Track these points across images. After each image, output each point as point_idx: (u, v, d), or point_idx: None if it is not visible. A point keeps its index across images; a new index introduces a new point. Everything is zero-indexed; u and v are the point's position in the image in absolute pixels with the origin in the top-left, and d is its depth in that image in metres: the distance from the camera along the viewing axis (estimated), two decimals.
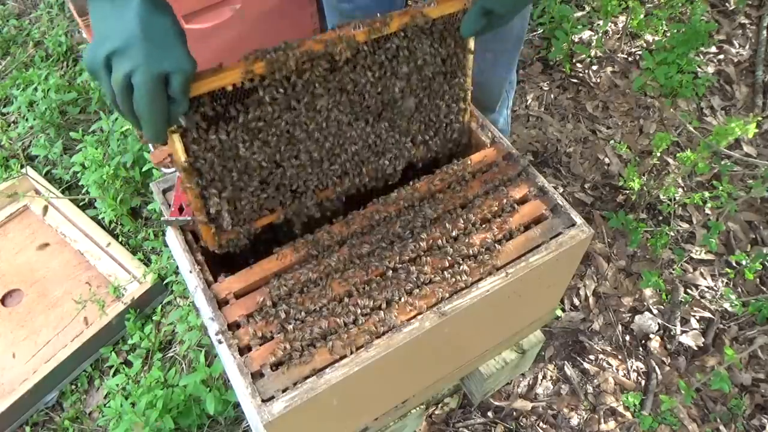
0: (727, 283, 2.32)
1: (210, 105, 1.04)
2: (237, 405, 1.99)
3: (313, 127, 1.18)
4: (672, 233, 2.38)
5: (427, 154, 1.40)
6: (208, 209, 1.15)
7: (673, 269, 2.34)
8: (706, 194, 2.26)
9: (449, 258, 1.23)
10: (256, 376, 1.08)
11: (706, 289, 2.31)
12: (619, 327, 2.23)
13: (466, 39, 1.26)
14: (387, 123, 1.29)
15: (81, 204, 2.56)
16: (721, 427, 2.01)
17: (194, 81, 0.96)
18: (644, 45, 3.06)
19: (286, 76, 1.09)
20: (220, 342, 1.12)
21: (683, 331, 2.20)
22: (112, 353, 2.16)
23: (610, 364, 2.16)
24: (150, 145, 1.41)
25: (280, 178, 1.21)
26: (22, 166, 2.65)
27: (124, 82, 0.83)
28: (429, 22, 1.18)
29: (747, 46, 3.05)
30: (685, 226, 2.45)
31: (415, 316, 1.15)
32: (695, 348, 2.18)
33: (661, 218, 2.46)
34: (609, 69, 2.99)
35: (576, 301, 2.29)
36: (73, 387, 2.20)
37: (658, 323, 2.22)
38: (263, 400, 1.04)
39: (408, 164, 1.40)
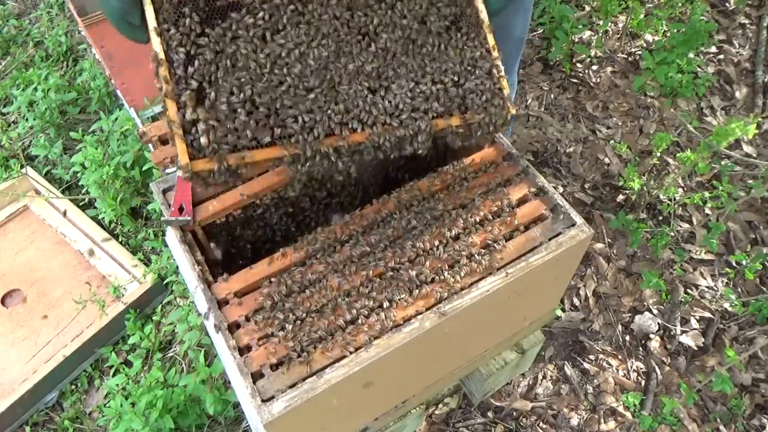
0: (727, 283, 2.32)
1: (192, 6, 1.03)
2: (237, 405, 1.99)
3: (306, 50, 1.11)
4: (672, 233, 2.38)
5: (468, 131, 1.27)
6: (184, 115, 1.02)
7: (673, 269, 2.34)
8: (706, 194, 2.26)
9: (449, 258, 1.23)
10: (256, 376, 1.08)
11: (706, 289, 2.31)
12: (619, 327, 2.23)
13: (474, 2, 1.24)
14: (401, 67, 1.20)
15: (81, 204, 2.56)
16: (721, 427, 2.01)
17: None
18: (644, 45, 3.06)
19: None
20: (216, 330, 1.12)
21: (683, 331, 2.20)
22: (112, 353, 2.16)
23: (610, 364, 2.16)
24: (150, 145, 1.40)
25: (272, 100, 1.08)
26: (22, 166, 2.65)
27: None
28: None
29: (747, 46, 3.05)
30: (685, 226, 2.45)
31: (415, 316, 1.15)
32: (695, 348, 2.18)
33: (661, 218, 2.46)
34: (609, 69, 2.99)
35: (576, 301, 2.29)
36: (73, 387, 2.20)
37: (658, 323, 2.22)
38: (263, 400, 1.04)
39: (444, 144, 1.30)
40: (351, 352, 1.10)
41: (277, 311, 1.15)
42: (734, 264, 2.32)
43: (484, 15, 1.26)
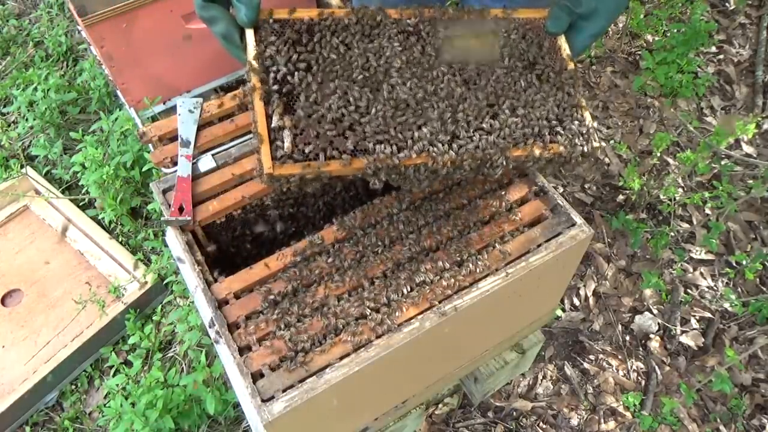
0: (727, 283, 2.32)
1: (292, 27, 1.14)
2: (237, 405, 1.99)
3: (400, 79, 1.17)
4: (672, 233, 2.38)
5: (548, 161, 1.23)
6: (270, 120, 1.08)
7: (673, 269, 2.34)
8: (706, 194, 2.26)
9: (449, 258, 1.23)
10: (256, 376, 1.08)
11: (706, 289, 2.31)
12: (619, 327, 2.23)
13: (557, 41, 1.26)
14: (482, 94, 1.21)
15: (81, 204, 2.56)
16: (721, 427, 2.01)
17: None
18: (644, 45, 3.06)
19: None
20: (216, 342, 1.12)
21: (683, 331, 2.20)
22: (112, 353, 2.16)
23: (610, 364, 2.16)
24: (150, 145, 1.40)
25: (360, 116, 1.12)
26: (22, 166, 2.65)
27: None
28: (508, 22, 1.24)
29: (747, 46, 3.05)
30: (685, 226, 2.45)
31: (415, 316, 1.15)
32: (695, 348, 2.18)
33: (661, 218, 2.46)
34: (609, 69, 2.99)
35: (576, 301, 2.29)
36: (73, 387, 2.20)
37: (658, 323, 2.22)
38: (263, 400, 1.04)
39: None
40: (351, 352, 1.10)
41: (277, 311, 1.15)
42: (734, 264, 2.32)
43: (562, 40, 1.26)
